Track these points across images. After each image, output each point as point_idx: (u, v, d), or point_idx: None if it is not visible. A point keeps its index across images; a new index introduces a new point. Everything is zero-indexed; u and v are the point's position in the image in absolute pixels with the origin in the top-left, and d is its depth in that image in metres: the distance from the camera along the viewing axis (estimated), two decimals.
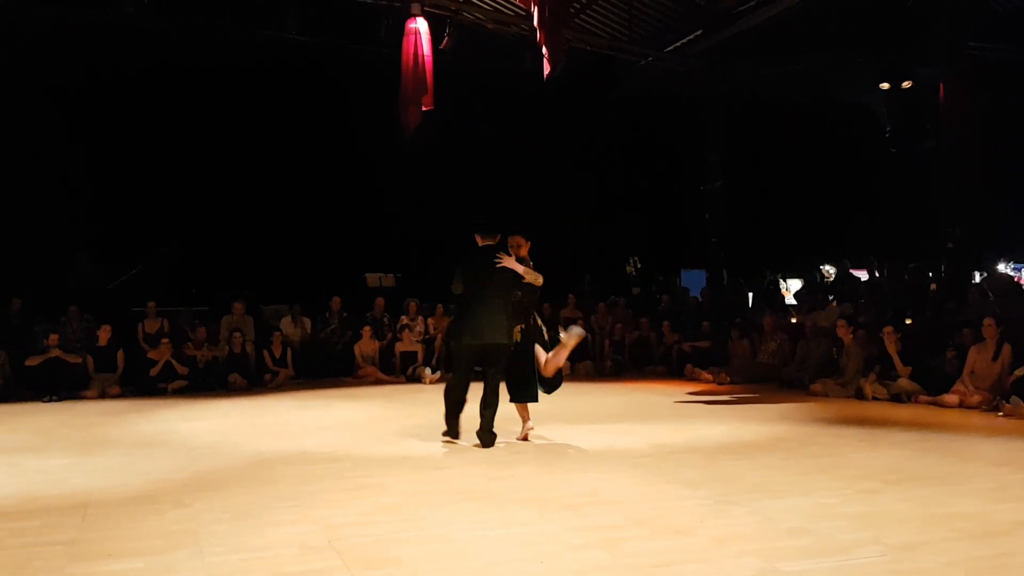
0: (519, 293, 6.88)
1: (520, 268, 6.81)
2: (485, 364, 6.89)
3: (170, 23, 13.00)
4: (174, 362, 11.31)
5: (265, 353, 12.15)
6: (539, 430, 7.36)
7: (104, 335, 11.33)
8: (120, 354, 11.30)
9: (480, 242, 7.02)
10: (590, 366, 12.95)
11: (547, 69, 10.51)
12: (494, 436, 6.79)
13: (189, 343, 11.83)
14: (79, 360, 11.04)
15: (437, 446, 6.87)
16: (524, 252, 7.06)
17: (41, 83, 13.91)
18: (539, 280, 6.90)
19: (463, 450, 6.69)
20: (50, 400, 10.36)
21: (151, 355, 11.35)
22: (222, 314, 12.68)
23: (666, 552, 3.92)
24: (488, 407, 6.82)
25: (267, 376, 11.91)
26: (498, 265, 6.77)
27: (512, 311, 6.83)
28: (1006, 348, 8.95)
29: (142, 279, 14.02)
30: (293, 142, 15.78)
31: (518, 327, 6.89)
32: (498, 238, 7.01)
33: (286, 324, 12.97)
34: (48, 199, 14.18)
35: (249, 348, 12.02)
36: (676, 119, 16.55)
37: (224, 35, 13.32)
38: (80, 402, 10.37)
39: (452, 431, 7.00)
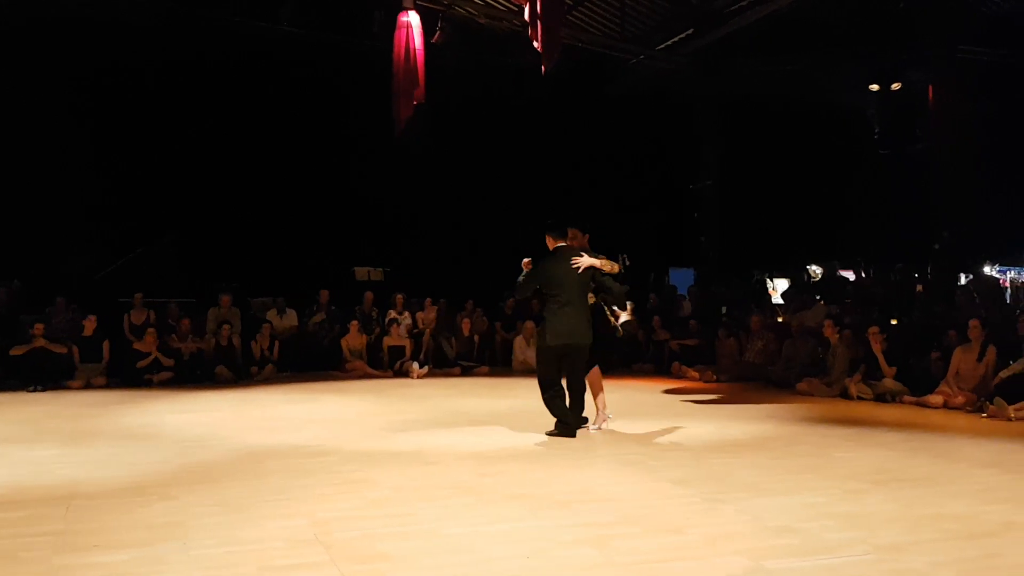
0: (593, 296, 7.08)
1: (598, 262, 6.94)
2: (565, 364, 6.99)
3: (162, 16, 12.92)
4: (159, 355, 11.24)
5: (253, 345, 12.11)
6: (529, 426, 7.37)
7: (90, 325, 11.27)
8: (106, 345, 11.24)
9: (552, 243, 7.09)
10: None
11: (543, 66, 10.48)
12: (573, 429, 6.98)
13: (174, 335, 11.78)
14: (64, 350, 10.97)
15: (425, 441, 6.86)
16: (583, 244, 7.19)
17: (32, 76, 13.79)
18: (615, 268, 7.03)
19: (453, 445, 6.68)
20: (35, 390, 10.31)
21: (137, 346, 11.29)
22: (209, 306, 12.63)
23: (655, 550, 3.93)
24: (576, 409, 7.08)
25: (253, 369, 11.88)
26: (578, 269, 6.88)
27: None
28: (991, 350, 9.02)
29: (129, 270, 13.93)
30: (283, 135, 15.69)
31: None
32: (568, 236, 7.12)
33: (272, 317, 12.92)
34: (34, 191, 14.07)
35: (236, 341, 11.98)
36: (668, 118, 16.56)
37: (216, 27, 13.25)
38: (65, 392, 10.32)
39: (571, 427, 7.00)
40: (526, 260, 7.11)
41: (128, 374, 11.04)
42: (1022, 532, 4.24)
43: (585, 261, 6.90)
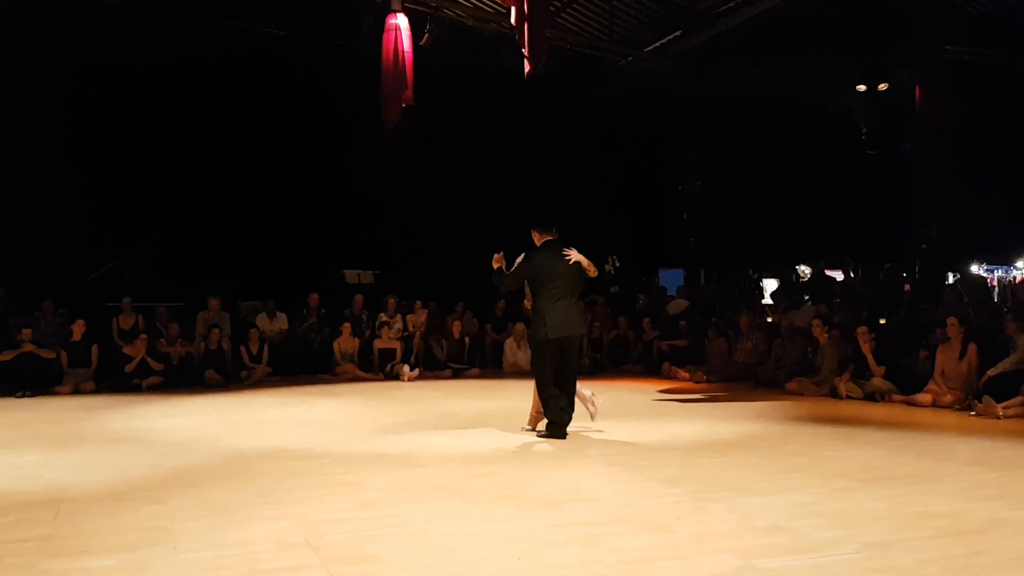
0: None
1: (585, 261, 6.98)
2: (561, 360, 7.01)
3: (149, 16, 12.87)
4: (148, 359, 11.20)
5: (242, 349, 12.05)
6: (519, 427, 7.37)
7: (78, 330, 11.19)
8: (94, 349, 11.18)
9: (539, 238, 7.16)
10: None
11: (527, 67, 10.49)
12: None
13: (162, 339, 11.72)
14: (53, 355, 10.91)
15: (416, 443, 6.86)
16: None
17: (18, 77, 13.72)
18: (594, 271, 7.09)
19: (442, 447, 6.68)
20: (23, 395, 10.23)
21: (126, 351, 11.24)
22: (198, 310, 12.58)
23: (644, 549, 3.93)
24: (571, 404, 7.08)
25: (243, 373, 11.83)
26: (569, 261, 6.95)
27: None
28: (971, 347, 9.04)
29: (118, 274, 13.87)
30: (273, 137, 15.67)
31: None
32: (556, 233, 7.17)
33: (262, 320, 12.87)
34: (23, 194, 14.01)
35: (225, 344, 11.93)
36: (656, 119, 16.61)
37: (204, 28, 13.21)
38: (53, 398, 10.26)
39: (562, 428, 6.99)
40: (498, 255, 7.13)
41: (117, 379, 10.99)
42: (1009, 529, 4.26)
43: (576, 255, 6.97)
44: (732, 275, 16.10)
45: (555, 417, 6.97)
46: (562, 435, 6.94)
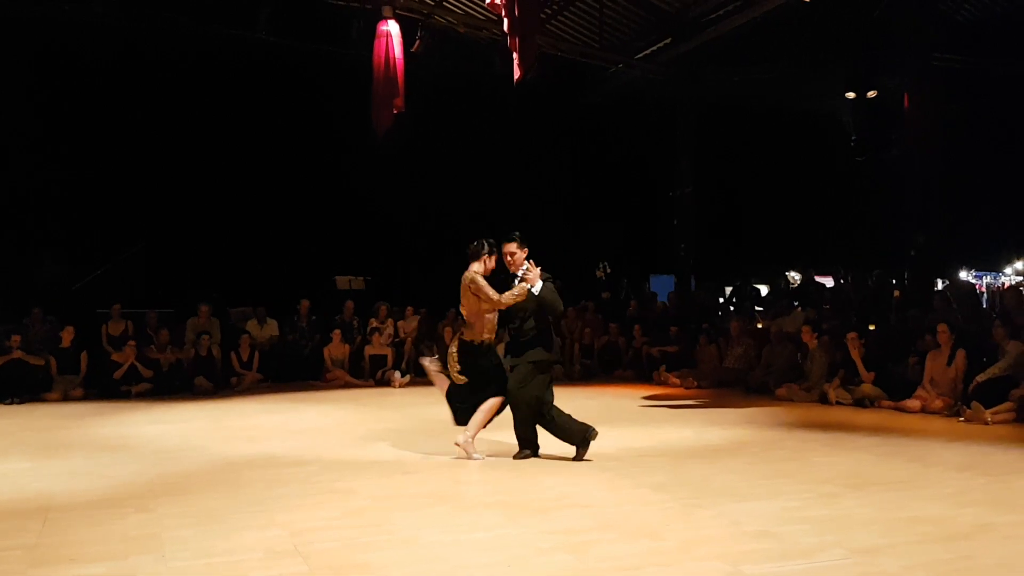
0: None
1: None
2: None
3: (139, 22, 12.85)
4: (138, 365, 11.15)
5: (232, 356, 12.03)
6: (508, 435, 7.36)
7: (67, 337, 11.16)
8: (83, 356, 11.14)
9: (523, 256, 6.85)
10: (560, 371, 12.94)
11: (517, 74, 10.53)
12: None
13: (152, 346, 11.68)
14: (42, 362, 10.86)
15: (406, 450, 6.85)
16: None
17: (6, 81, 13.68)
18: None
19: (432, 454, 6.67)
20: (11, 402, 10.20)
21: (115, 357, 11.19)
22: (188, 316, 12.54)
23: (633, 556, 3.94)
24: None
25: (234, 379, 11.80)
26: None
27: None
28: (959, 353, 9.08)
29: (107, 280, 13.83)
30: (263, 143, 15.65)
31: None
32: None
33: (252, 326, 12.85)
34: (12, 199, 13.95)
35: (215, 351, 11.90)
36: (646, 126, 16.65)
37: (195, 35, 13.19)
38: (42, 404, 10.22)
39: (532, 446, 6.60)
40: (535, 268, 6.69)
41: (106, 385, 10.95)
42: (996, 534, 4.28)
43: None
44: (732, 281, 16.11)
45: (581, 427, 6.49)
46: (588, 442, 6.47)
